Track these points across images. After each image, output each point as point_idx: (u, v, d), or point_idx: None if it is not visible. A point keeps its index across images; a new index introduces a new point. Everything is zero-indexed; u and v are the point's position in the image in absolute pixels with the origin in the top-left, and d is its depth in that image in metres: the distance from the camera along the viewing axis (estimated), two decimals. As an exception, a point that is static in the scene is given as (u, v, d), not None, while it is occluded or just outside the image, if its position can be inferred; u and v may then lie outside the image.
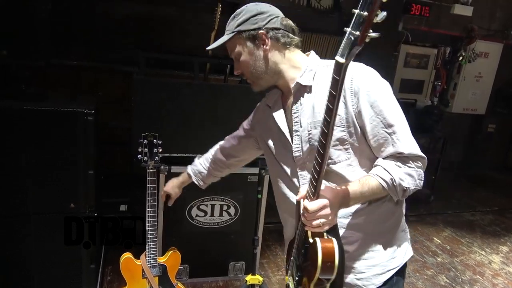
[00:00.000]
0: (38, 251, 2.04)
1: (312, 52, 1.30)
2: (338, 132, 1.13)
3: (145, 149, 1.82)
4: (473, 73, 5.38)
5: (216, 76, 3.49)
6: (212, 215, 2.49)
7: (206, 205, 2.46)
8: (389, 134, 1.10)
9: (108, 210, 2.61)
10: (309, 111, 1.20)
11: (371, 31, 0.78)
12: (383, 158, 1.13)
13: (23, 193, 1.96)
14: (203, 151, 1.72)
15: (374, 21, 0.77)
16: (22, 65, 3.01)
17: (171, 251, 2.02)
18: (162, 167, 2.25)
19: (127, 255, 1.92)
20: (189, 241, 2.44)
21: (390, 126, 1.10)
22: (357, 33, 0.78)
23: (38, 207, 1.99)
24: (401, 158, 1.11)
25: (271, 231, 3.24)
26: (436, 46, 5.12)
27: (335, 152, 1.15)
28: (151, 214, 1.87)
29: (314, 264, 0.99)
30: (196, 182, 1.73)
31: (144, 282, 1.93)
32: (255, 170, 2.47)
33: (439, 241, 3.70)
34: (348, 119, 1.13)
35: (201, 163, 1.72)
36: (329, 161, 1.15)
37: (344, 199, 1.04)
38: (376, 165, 1.13)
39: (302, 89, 1.22)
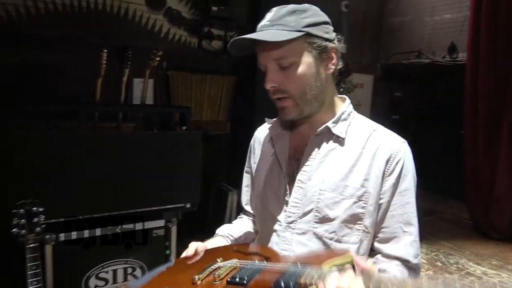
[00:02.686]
0: None
1: (347, 98, 1.07)
2: (355, 208, 0.92)
3: (22, 220, 1.51)
4: (354, 102, 5.99)
5: (108, 123, 3.21)
6: (115, 282, 2.18)
7: (107, 272, 2.15)
8: (404, 233, 0.94)
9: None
10: (332, 167, 0.96)
11: None
12: (383, 255, 0.95)
13: None
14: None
15: None
16: None
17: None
18: (47, 237, 1.91)
19: None
20: (89, 317, 2.09)
21: (409, 224, 0.94)
22: None
23: None
24: (407, 266, 0.94)
25: None
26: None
27: (343, 229, 0.93)
28: (35, 299, 1.54)
29: None
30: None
31: None
32: (161, 222, 2.28)
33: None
34: (374, 196, 0.93)
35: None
36: (333, 235, 0.94)
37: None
38: (385, 262, 0.93)
39: (328, 137, 0.99)
